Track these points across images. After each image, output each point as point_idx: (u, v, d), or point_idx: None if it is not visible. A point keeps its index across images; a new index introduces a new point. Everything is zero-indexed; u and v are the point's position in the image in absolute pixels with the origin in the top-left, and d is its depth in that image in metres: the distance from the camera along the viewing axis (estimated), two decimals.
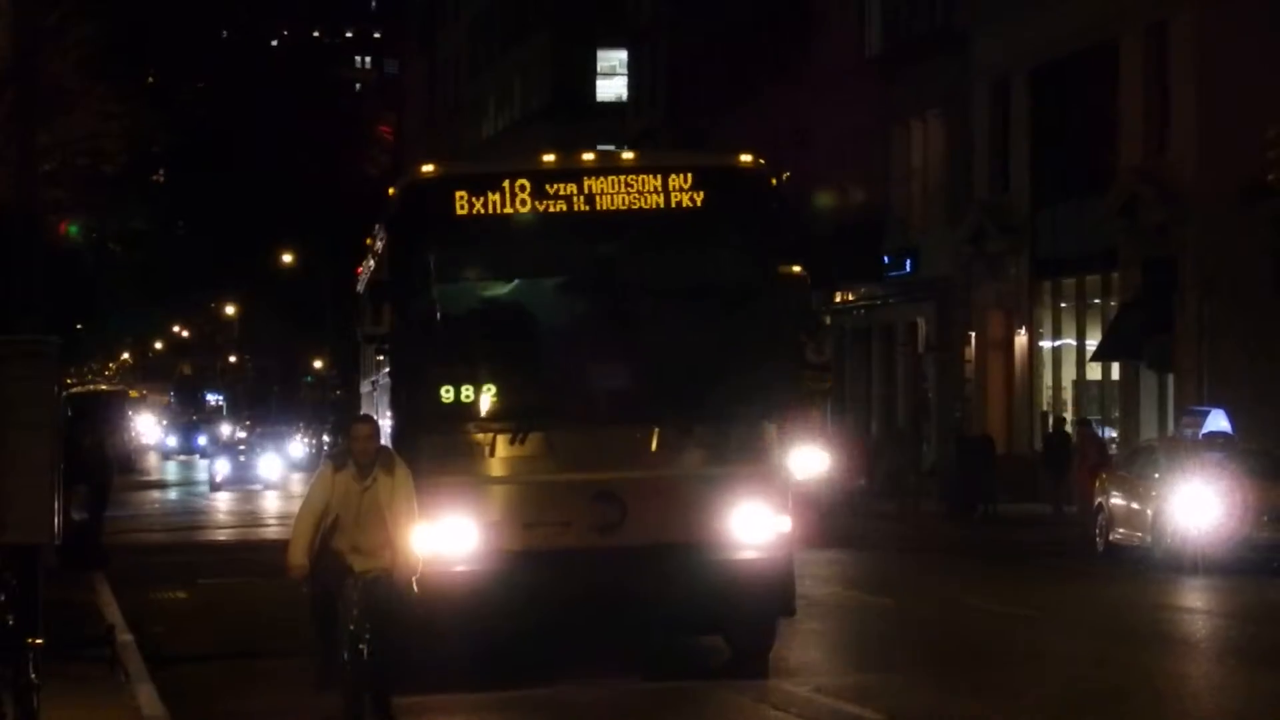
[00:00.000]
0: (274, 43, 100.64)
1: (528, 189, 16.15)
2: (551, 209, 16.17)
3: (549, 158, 16.97)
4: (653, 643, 16.24)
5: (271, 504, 57.75)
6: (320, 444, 60.30)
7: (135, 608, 24.84)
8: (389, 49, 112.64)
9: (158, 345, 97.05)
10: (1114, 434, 43.44)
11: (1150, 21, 39.80)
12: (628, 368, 16.25)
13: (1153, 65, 39.92)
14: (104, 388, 61.52)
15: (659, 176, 16.43)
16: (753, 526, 15.85)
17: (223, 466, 73.50)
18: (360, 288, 24.15)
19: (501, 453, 15.55)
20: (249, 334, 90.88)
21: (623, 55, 72.18)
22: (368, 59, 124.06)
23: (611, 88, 77.77)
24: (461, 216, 16.03)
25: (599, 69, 73.33)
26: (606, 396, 16.00)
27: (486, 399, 15.93)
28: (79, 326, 35.52)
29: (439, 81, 78.67)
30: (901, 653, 19.91)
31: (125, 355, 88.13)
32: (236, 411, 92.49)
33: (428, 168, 17.09)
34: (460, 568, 14.94)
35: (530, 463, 15.69)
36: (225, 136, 74.86)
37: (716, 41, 61.06)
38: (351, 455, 12.40)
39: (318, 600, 12.45)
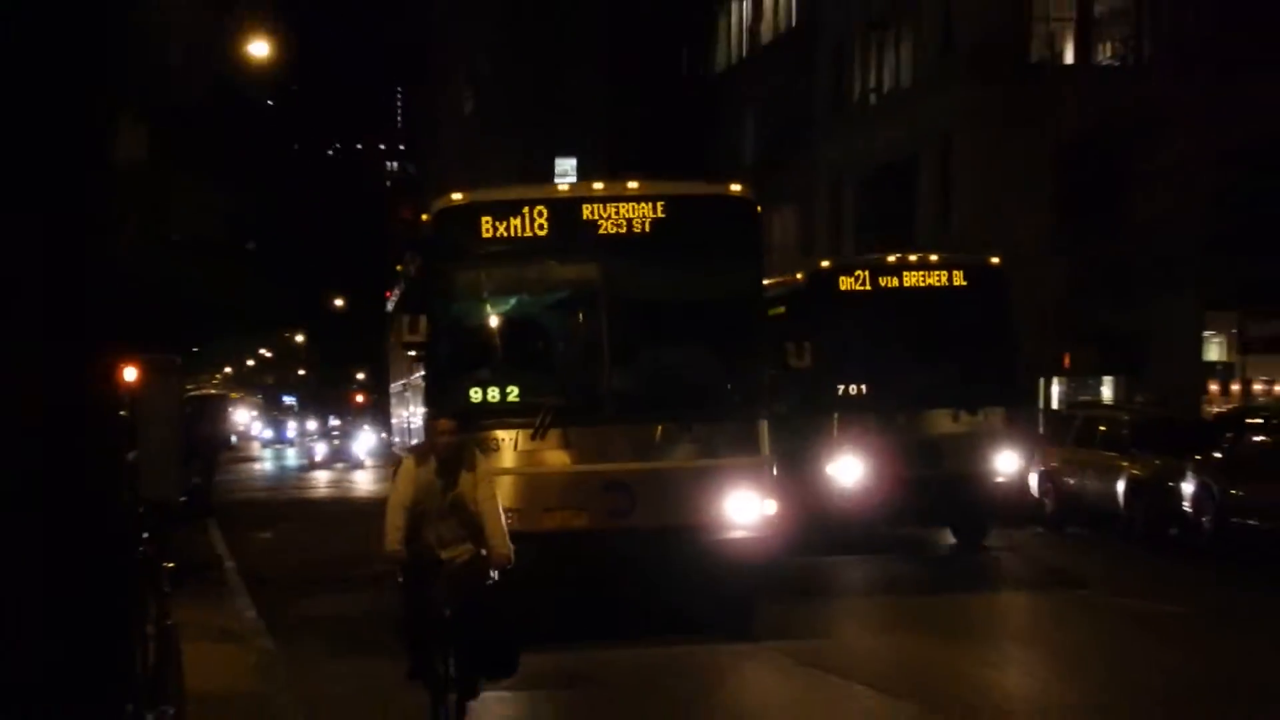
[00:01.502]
0: (329, 152, 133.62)
1: (544, 213, 16.33)
2: (565, 231, 16.36)
3: (563, 185, 17.39)
4: (659, 611, 16.39)
5: (343, 476, 63.28)
6: (381, 435, 65.08)
7: (234, 543, 28.78)
8: (409, 155, 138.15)
9: (249, 362, 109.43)
10: None
11: (940, 143, 45.06)
12: (633, 372, 16.59)
13: (938, 174, 45.38)
14: (212, 392, 65.71)
15: (659, 202, 16.64)
16: (743, 510, 15.98)
17: (320, 448, 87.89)
18: (390, 306, 27.96)
19: (523, 446, 15.65)
20: (313, 353, 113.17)
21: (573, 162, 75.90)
22: (394, 163, 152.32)
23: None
24: (486, 237, 16.22)
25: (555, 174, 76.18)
26: (615, 397, 16.16)
27: (510, 399, 16.09)
28: (195, 350, 40.07)
29: (446, 179, 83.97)
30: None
31: (227, 369, 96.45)
32: (305, 409, 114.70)
33: (456, 195, 17.17)
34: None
35: (548, 456, 15.94)
36: (295, 216, 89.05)
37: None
38: (433, 450, 11.62)
39: (410, 589, 11.47)
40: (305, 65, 71.48)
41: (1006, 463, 24.30)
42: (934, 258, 25.73)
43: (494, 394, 15.98)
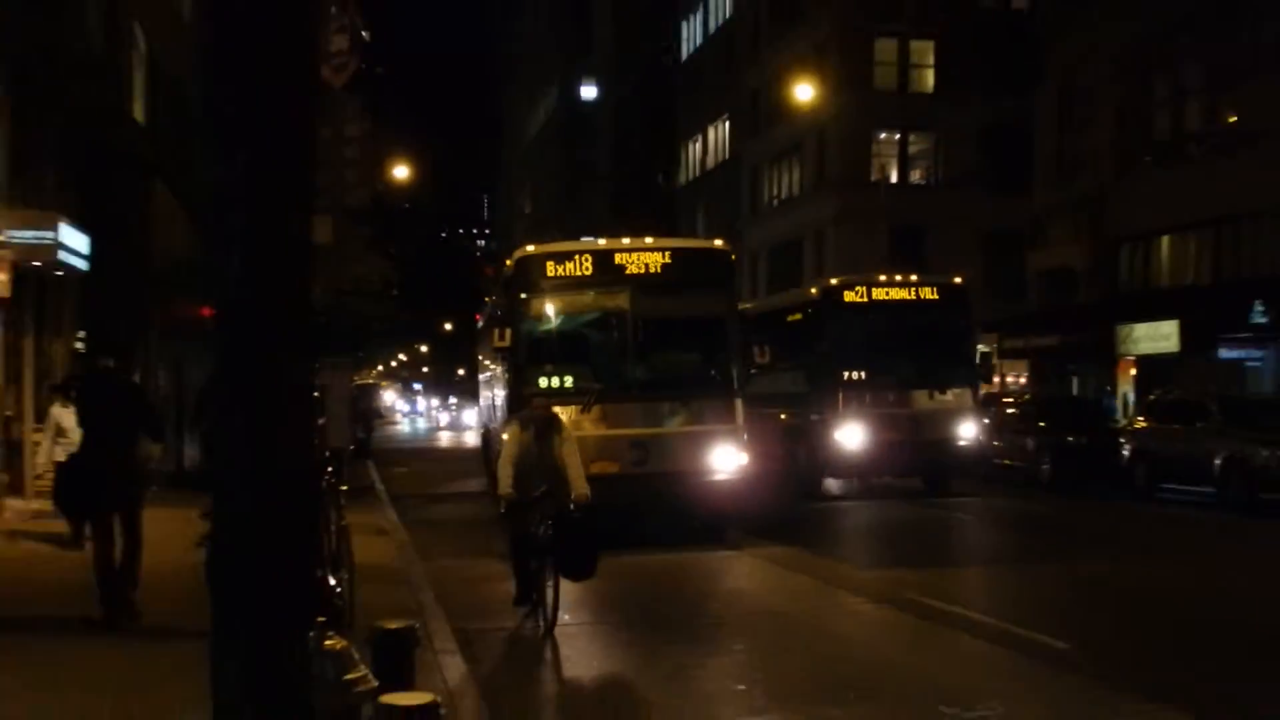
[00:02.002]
0: (443, 235, 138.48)
1: (590, 259, 16.30)
2: (603, 271, 16.27)
3: (601, 242, 17.15)
4: (669, 529, 16.09)
5: (455, 435, 62.58)
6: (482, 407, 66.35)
7: (383, 474, 28.41)
8: (491, 235, 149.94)
9: (393, 363, 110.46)
10: None
11: (817, 231, 46.62)
12: (649, 366, 16.46)
13: (816, 250, 46.62)
14: (369, 381, 66.43)
15: (668, 252, 16.63)
16: (723, 461, 15.95)
17: (444, 417, 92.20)
18: (481, 325, 28.95)
19: (574, 417, 14.95)
20: (435, 357, 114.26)
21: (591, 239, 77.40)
22: (482, 240, 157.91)
23: None
24: (550, 275, 16.20)
25: None
26: (637, 383, 16.13)
27: (566, 384, 15.83)
28: (359, 354, 40.58)
29: (514, 248, 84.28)
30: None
31: (379, 367, 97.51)
32: (427, 393, 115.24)
33: (530, 248, 17.15)
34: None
35: (592, 423, 15.54)
36: (421, 274, 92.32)
37: None
38: (532, 419, 10.97)
39: (514, 519, 10.94)
40: (427, 179, 72.39)
41: (968, 430, 22.82)
42: (914, 277, 24.42)
43: (555, 381, 15.84)
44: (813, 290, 25.32)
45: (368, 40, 25.28)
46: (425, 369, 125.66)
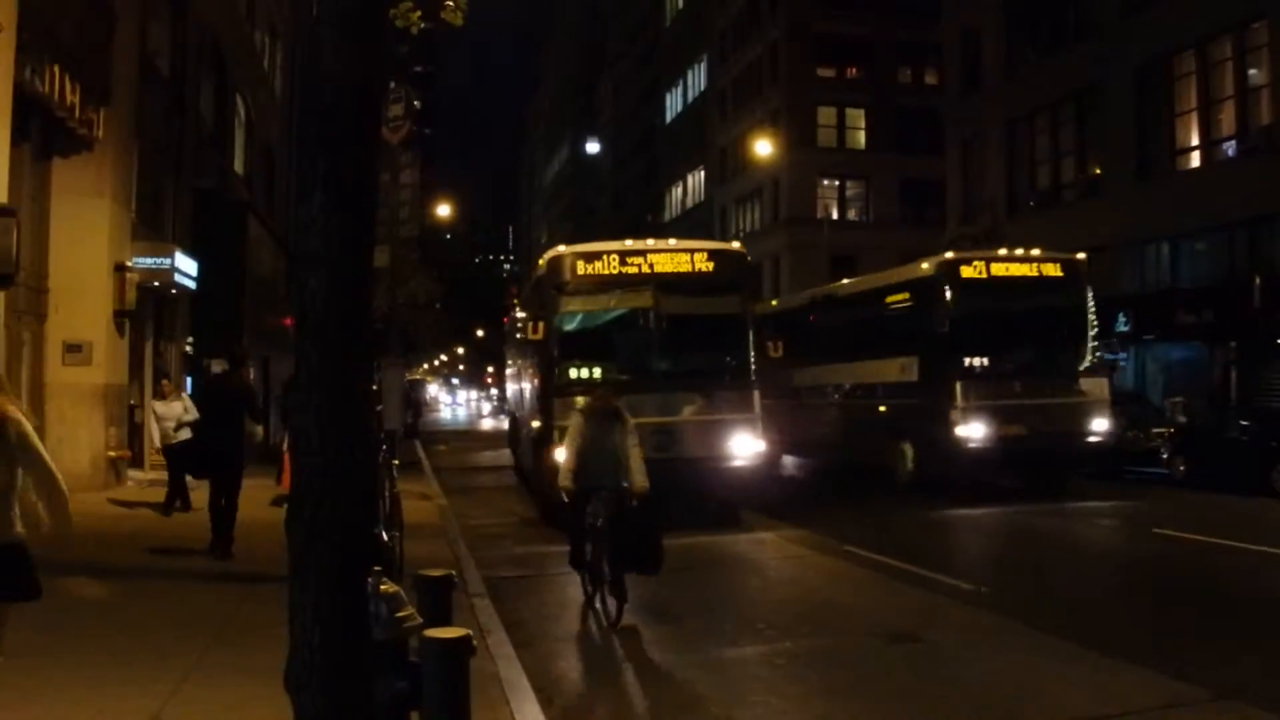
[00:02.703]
0: (475, 260, 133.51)
1: (616, 259, 13.99)
2: (629, 270, 13.95)
3: (629, 243, 14.44)
4: (694, 513, 13.53)
5: (494, 421, 59.95)
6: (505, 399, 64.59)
7: (428, 451, 27.71)
8: (515, 260, 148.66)
9: (435, 363, 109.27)
10: None
11: (774, 259, 47.23)
12: (674, 358, 14.05)
13: (773, 275, 46.09)
14: (418, 377, 65.13)
15: (691, 253, 14.26)
16: (742, 447, 13.77)
17: (485, 406, 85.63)
18: (509, 327, 26.19)
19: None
20: (470, 357, 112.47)
21: None
22: (507, 265, 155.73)
23: None
24: (580, 274, 13.97)
25: None
26: (661, 375, 13.77)
27: (594, 375, 13.64)
28: (409, 354, 40.34)
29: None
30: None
31: (425, 365, 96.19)
32: (465, 386, 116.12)
33: (562, 248, 14.84)
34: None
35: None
36: (459, 291, 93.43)
37: None
38: (595, 411, 9.04)
39: (576, 508, 8.91)
40: (464, 216, 72.19)
41: (1101, 424, 16.73)
42: (1036, 252, 17.43)
43: (585, 373, 13.72)
44: (923, 266, 17.82)
45: (418, 108, 25.37)
46: (461, 367, 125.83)
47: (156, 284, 17.16)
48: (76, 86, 13.23)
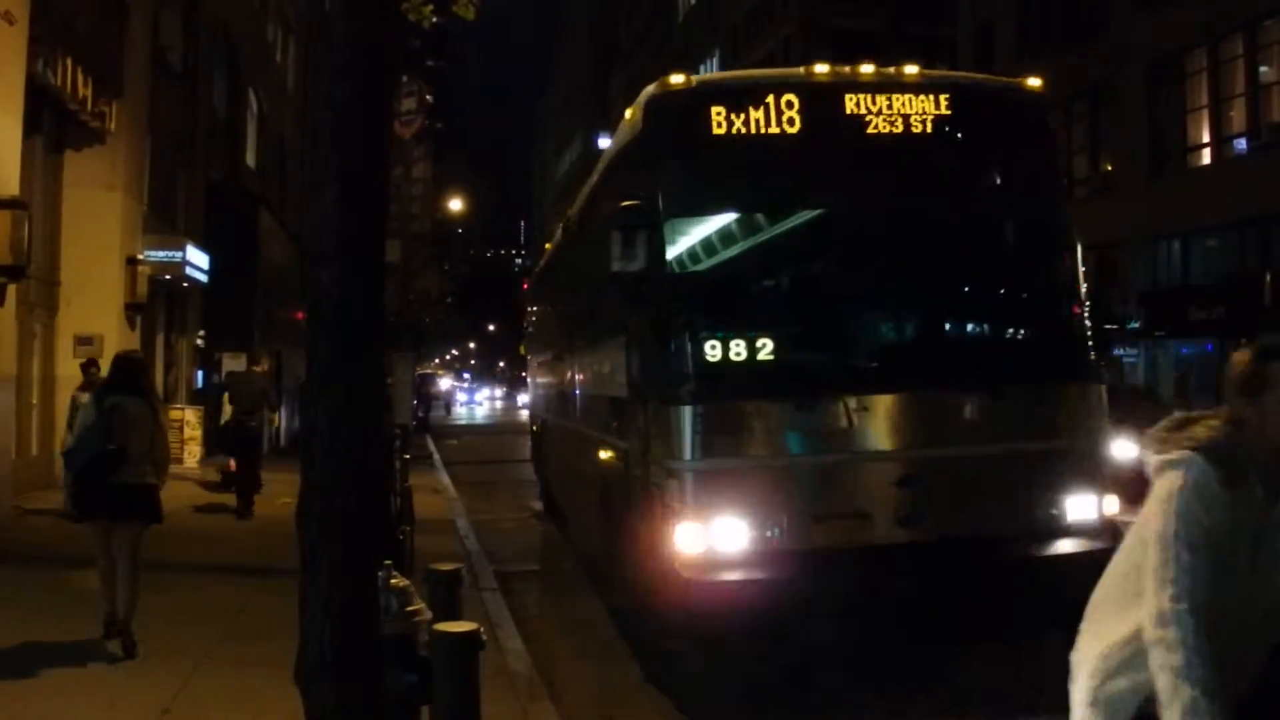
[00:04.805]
0: (488, 254, 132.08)
1: (798, 104, 6.28)
2: (825, 131, 6.41)
3: (821, 68, 6.59)
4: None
5: (506, 416, 60.24)
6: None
7: (439, 446, 28.10)
8: (527, 254, 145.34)
9: (446, 357, 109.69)
10: None
11: None
12: (924, 325, 6.66)
13: None
14: (429, 371, 65.51)
15: (945, 95, 6.55)
16: (1078, 510, 6.24)
17: (500, 404, 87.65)
18: (533, 284, 18.20)
19: (784, 426, 6.08)
20: (481, 351, 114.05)
21: None
22: (519, 259, 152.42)
23: None
24: (722, 134, 6.25)
25: None
26: (902, 361, 6.43)
27: (754, 354, 6.01)
28: (420, 349, 40.57)
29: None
30: None
31: (436, 360, 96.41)
32: (475, 380, 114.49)
33: (675, 78, 6.55)
34: (730, 575, 5.75)
35: (820, 439, 6.07)
36: (471, 285, 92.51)
37: None
38: None
39: None
40: (476, 210, 72.33)
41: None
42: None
43: (734, 349, 6.01)
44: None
45: (430, 102, 25.38)
46: (472, 361, 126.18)
47: (168, 277, 17.17)
48: (89, 79, 13.25)
